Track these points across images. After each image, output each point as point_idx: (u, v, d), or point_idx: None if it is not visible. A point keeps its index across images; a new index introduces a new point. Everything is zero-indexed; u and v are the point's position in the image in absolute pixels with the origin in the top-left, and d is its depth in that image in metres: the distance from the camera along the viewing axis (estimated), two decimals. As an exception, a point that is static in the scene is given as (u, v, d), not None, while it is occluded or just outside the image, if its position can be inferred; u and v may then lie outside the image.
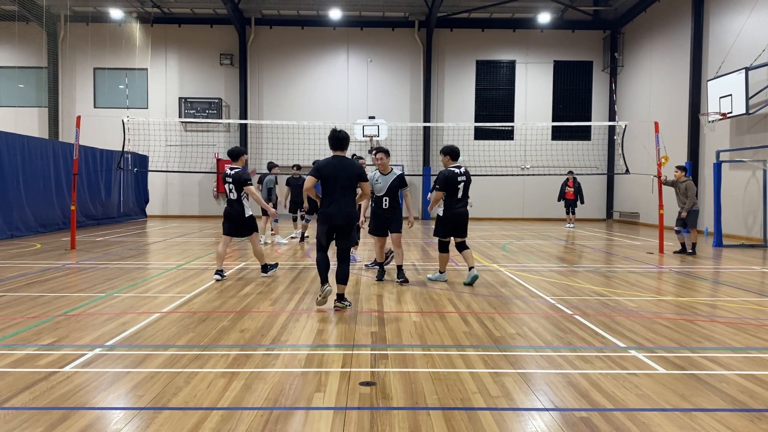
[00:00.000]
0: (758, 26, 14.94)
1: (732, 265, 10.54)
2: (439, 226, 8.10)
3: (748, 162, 14.67)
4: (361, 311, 6.38)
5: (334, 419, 3.46)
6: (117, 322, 5.76)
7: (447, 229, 8.02)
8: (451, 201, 7.92)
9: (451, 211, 7.92)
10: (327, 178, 6.34)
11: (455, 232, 8.03)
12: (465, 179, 7.94)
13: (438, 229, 8.11)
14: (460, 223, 7.97)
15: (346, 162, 6.42)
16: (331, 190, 6.32)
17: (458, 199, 7.91)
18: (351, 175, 6.36)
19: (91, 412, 3.53)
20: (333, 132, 6.46)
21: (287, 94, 24.00)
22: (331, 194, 6.32)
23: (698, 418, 3.50)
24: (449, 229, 8.02)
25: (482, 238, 15.59)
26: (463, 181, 7.91)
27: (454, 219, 7.92)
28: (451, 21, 23.59)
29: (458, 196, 7.90)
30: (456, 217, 7.92)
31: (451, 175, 7.88)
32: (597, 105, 24.38)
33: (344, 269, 6.39)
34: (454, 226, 7.98)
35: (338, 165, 6.36)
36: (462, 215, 7.96)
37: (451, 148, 8.03)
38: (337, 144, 6.44)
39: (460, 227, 8.02)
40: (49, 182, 15.77)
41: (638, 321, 5.98)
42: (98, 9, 22.85)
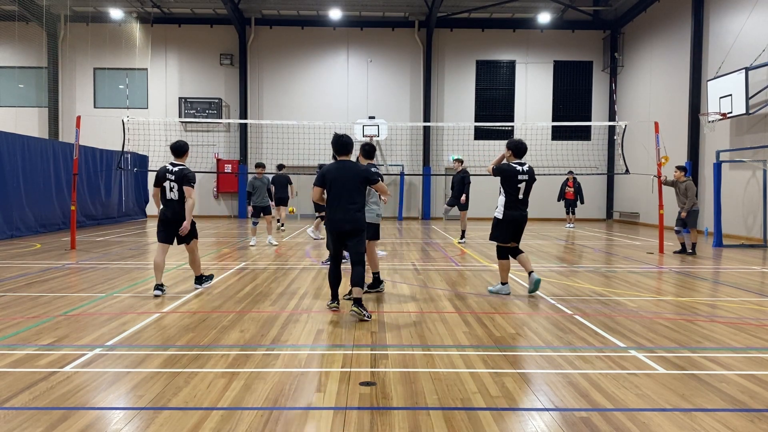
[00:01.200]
0: (758, 26, 14.94)
1: (732, 265, 10.54)
2: (496, 229, 7.24)
3: (748, 162, 14.67)
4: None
5: (334, 419, 3.46)
6: (117, 322, 5.76)
7: (507, 234, 7.19)
8: (511, 201, 7.12)
9: (511, 214, 7.11)
10: (332, 184, 6.19)
11: (513, 237, 7.24)
12: (527, 178, 7.13)
13: (495, 232, 7.26)
14: (518, 227, 7.23)
15: (351, 166, 6.28)
16: (337, 195, 6.16)
17: (519, 201, 7.14)
18: (356, 178, 6.20)
19: (91, 412, 3.53)
20: (337, 137, 6.31)
21: (287, 94, 24.01)
22: (338, 199, 6.16)
23: (698, 418, 3.50)
24: (509, 234, 7.19)
25: (482, 238, 15.59)
26: (525, 180, 7.11)
27: (514, 222, 7.15)
28: (451, 21, 23.59)
29: (519, 197, 7.13)
30: (514, 221, 7.15)
31: (510, 169, 7.12)
32: (597, 105, 24.39)
33: (358, 272, 6.21)
34: (512, 230, 7.18)
35: (343, 169, 6.22)
36: (520, 219, 7.20)
37: (515, 144, 7.24)
38: (342, 149, 6.31)
39: (519, 232, 7.27)
40: (49, 182, 15.77)
41: (638, 321, 5.98)
42: (98, 9, 22.85)
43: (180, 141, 7.36)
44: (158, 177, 7.15)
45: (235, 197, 24.06)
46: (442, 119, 23.85)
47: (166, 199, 7.11)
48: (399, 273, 9.13)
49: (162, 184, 7.12)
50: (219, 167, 23.49)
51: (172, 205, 7.09)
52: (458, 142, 22.83)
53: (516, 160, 7.20)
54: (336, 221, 6.17)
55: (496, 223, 7.25)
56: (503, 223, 7.16)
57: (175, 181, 7.05)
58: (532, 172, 7.25)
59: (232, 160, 23.72)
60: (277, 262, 10.34)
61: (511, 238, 7.21)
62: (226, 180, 23.73)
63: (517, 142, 7.22)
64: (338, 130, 21.21)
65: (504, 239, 7.21)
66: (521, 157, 7.23)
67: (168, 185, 7.08)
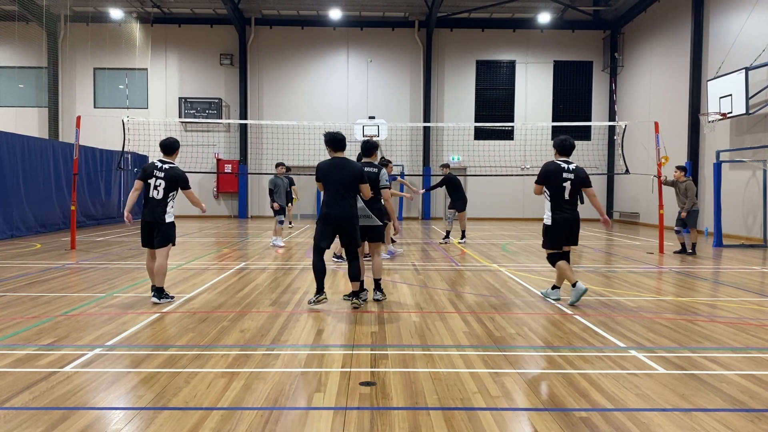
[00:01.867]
0: (758, 26, 14.94)
1: (732, 265, 10.54)
2: (546, 236, 6.78)
3: (748, 162, 14.67)
4: (361, 311, 6.38)
5: (334, 419, 3.46)
6: (117, 322, 5.76)
7: (556, 238, 6.68)
8: (557, 202, 6.63)
9: (559, 215, 6.62)
10: (327, 179, 6.34)
11: (566, 241, 6.73)
12: (572, 177, 6.61)
13: (546, 239, 6.78)
14: (570, 229, 6.66)
15: (347, 163, 6.40)
16: (332, 191, 6.32)
17: (566, 200, 6.63)
18: (352, 176, 6.32)
19: (91, 412, 3.53)
20: (330, 134, 6.41)
21: (287, 94, 24.01)
22: (333, 195, 6.32)
23: (698, 418, 3.50)
24: (559, 238, 6.68)
25: (482, 238, 15.60)
26: (570, 179, 6.60)
27: (563, 225, 6.62)
28: (451, 21, 23.59)
29: (565, 197, 6.62)
30: (565, 223, 6.62)
31: (553, 168, 6.65)
32: (597, 105, 24.39)
33: (355, 266, 6.45)
34: (562, 233, 6.66)
35: (339, 166, 6.35)
36: (571, 220, 6.65)
37: (559, 141, 6.82)
38: (336, 145, 6.45)
39: (571, 235, 6.71)
40: (49, 182, 15.77)
41: (638, 321, 5.98)
42: (98, 9, 22.85)
43: (171, 138, 6.88)
44: (146, 172, 6.65)
45: (235, 197, 24.06)
46: (442, 119, 23.86)
47: (148, 197, 6.61)
48: (399, 273, 9.13)
49: (147, 180, 6.61)
50: (219, 167, 23.49)
51: (153, 205, 6.57)
52: (458, 142, 22.84)
53: (561, 158, 6.76)
54: (330, 216, 6.31)
55: (545, 230, 6.77)
56: (552, 228, 6.67)
57: (163, 179, 6.56)
58: (580, 170, 6.69)
59: (232, 160, 23.72)
60: (277, 262, 10.34)
61: (564, 242, 6.70)
62: (226, 180, 23.73)
63: (562, 139, 6.80)
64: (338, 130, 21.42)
65: (556, 245, 6.71)
66: (568, 155, 6.77)
67: (154, 182, 6.57)
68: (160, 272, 6.60)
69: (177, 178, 6.62)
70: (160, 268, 6.59)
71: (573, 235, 6.72)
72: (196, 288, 7.63)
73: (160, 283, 6.64)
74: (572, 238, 6.73)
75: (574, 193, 6.67)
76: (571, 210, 6.68)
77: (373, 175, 6.91)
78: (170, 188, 6.61)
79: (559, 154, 6.80)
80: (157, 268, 6.60)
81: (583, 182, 6.69)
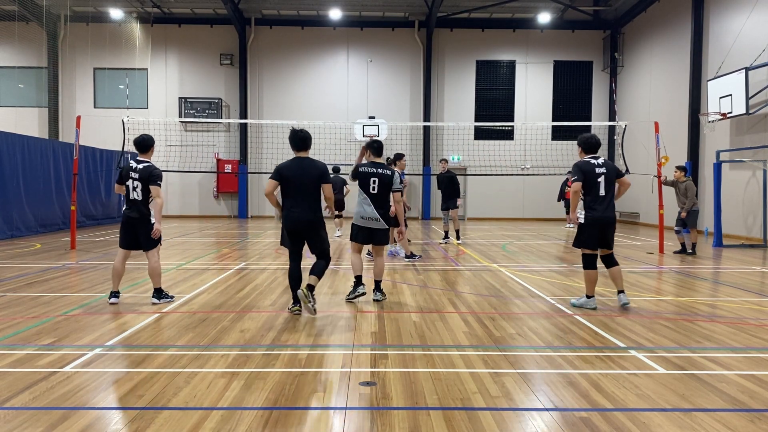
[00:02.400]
0: (758, 26, 14.94)
1: (732, 265, 10.54)
2: (580, 234, 6.55)
3: (748, 162, 14.67)
4: (361, 311, 6.38)
5: (334, 419, 3.46)
6: (117, 322, 5.76)
7: (592, 238, 6.46)
8: (592, 200, 6.44)
9: (595, 214, 6.40)
10: (288, 181, 5.97)
11: (601, 242, 6.50)
12: (605, 171, 6.44)
13: (580, 237, 6.55)
14: (606, 229, 6.45)
15: (309, 163, 6.06)
16: (293, 193, 5.98)
17: (601, 198, 6.41)
18: (313, 176, 6.00)
19: (91, 412, 3.53)
20: (294, 132, 6.07)
21: (287, 94, 24.00)
22: (294, 197, 5.98)
23: (698, 418, 3.50)
24: (595, 238, 6.46)
25: (482, 238, 15.60)
26: (603, 173, 6.42)
27: (599, 224, 6.41)
28: (451, 21, 23.59)
29: (600, 194, 6.41)
30: (601, 222, 6.40)
31: (587, 167, 6.45)
32: (597, 105, 24.39)
33: (321, 265, 6.14)
34: (597, 233, 6.44)
35: (300, 166, 6.01)
36: (608, 220, 6.43)
37: (584, 139, 6.64)
38: (300, 144, 6.08)
39: (607, 235, 6.49)
40: (49, 182, 15.77)
41: (638, 321, 5.98)
42: (98, 9, 22.84)
43: (144, 135, 6.66)
44: (121, 174, 6.56)
45: (235, 197, 24.05)
46: (442, 119, 23.85)
47: (129, 200, 6.50)
48: (399, 273, 9.13)
49: (125, 182, 6.50)
50: (219, 167, 23.49)
51: (135, 206, 6.46)
52: (458, 142, 22.83)
53: (588, 156, 6.58)
54: (292, 219, 6.00)
55: (580, 228, 6.55)
56: (586, 227, 6.46)
57: (139, 180, 6.42)
58: (610, 164, 6.57)
59: (232, 160, 23.71)
60: (278, 262, 10.34)
61: (598, 243, 6.48)
62: (226, 180, 23.72)
63: (587, 137, 6.64)
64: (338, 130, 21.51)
65: (590, 245, 6.48)
66: (595, 151, 6.59)
67: (131, 184, 6.44)
68: (154, 274, 6.57)
69: (150, 176, 6.43)
70: (154, 269, 6.55)
71: (607, 237, 6.48)
72: (196, 288, 7.63)
73: (157, 284, 6.63)
74: (608, 239, 6.49)
75: (609, 190, 6.47)
76: (608, 209, 6.44)
77: (387, 178, 6.73)
78: (147, 188, 6.46)
79: (585, 152, 6.63)
80: (151, 270, 6.57)
81: (616, 173, 6.53)
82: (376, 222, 6.72)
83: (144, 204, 6.49)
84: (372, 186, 6.75)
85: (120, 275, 6.63)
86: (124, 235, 6.58)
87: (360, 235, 6.86)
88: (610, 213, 6.45)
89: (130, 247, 6.61)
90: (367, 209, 6.73)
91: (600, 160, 6.52)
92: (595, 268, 6.49)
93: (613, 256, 6.61)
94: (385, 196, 6.81)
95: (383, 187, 6.74)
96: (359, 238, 6.87)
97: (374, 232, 6.78)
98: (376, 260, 6.99)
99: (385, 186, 6.74)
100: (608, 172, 6.46)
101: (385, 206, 6.84)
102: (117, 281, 6.61)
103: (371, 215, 6.69)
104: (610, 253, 6.58)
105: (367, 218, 6.73)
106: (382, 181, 6.72)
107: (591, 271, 6.49)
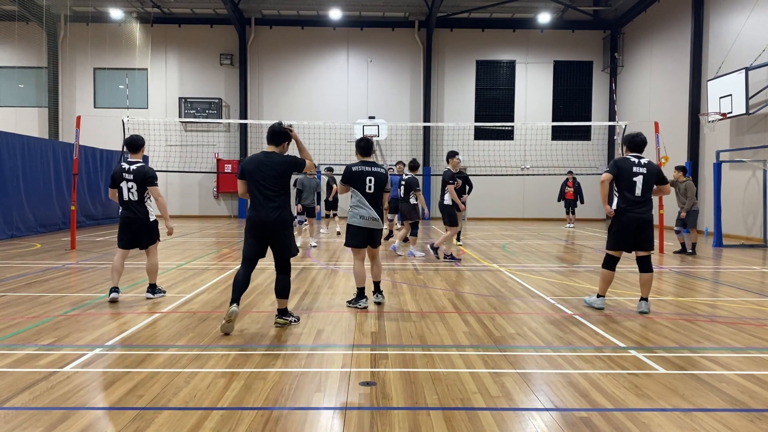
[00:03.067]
0: (758, 26, 14.94)
1: (732, 265, 10.54)
2: (610, 232, 6.40)
3: (748, 162, 14.67)
4: (361, 311, 6.37)
5: (334, 419, 3.46)
6: (117, 322, 5.76)
7: (620, 239, 6.25)
8: (626, 200, 6.18)
9: (627, 214, 6.17)
10: (252, 177, 5.42)
11: (635, 244, 6.26)
12: (645, 172, 6.17)
13: (610, 237, 6.40)
14: (639, 230, 6.19)
15: (274, 156, 5.51)
16: (258, 191, 5.41)
17: (636, 199, 6.17)
18: (280, 171, 5.43)
19: (91, 412, 3.53)
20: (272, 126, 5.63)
21: (287, 94, 24.00)
22: (259, 195, 5.40)
23: (698, 418, 3.50)
24: (623, 239, 6.24)
25: (482, 238, 15.60)
26: (643, 174, 6.16)
27: (631, 225, 6.17)
28: (451, 21, 23.59)
29: (636, 193, 6.16)
30: (634, 223, 6.17)
31: (623, 163, 6.22)
32: (597, 105, 24.39)
33: (284, 281, 5.54)
34: (630, 235, 6.21)
35: (264, 161, 5.45)
36: (642, 221, 6.16)
37: (629, 137, 6.42)
38: (270, 138, 5.59)
39: (642, 237, 6.21)
40: (49, 182, 15.77)
41: (638, 321, 5.98)
42: (98, 9, 22.85)
43: (135, 135, 6.73)
44: (114, 177, 6.60)
45: (235, 197, 24.04)
46: (442, 119, 23.85)
47: (123, 201, 6.58)
48: (399, 273, 9.13)
49: (119, 185, 6.56)
50: (219, 167, 23.49)
51: (133, 207, 6.56)
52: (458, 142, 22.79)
53: (632, 154, 6.33)
54: (257, 221, 5.39)
55: (610, 227, 6.38)
56: (616, 226, 6.26)
57: (133, 181, 6.51)
58: (654, 167, 6.28)
59: (232, 160, 23.71)
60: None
61: (627, 245, 6.26)
62: (226, 180, 23.72)
63: (632, 135, 6.40)
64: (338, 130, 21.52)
65: (617, 245, 6.30)
66: (640, 151, 6.35)
67: (126, 186, 6.52)
68: (152, 270, 6.82)
69: (146, 176, 6.55)
70: (153, 266, 6.79)
71: (643, 238, 6.21)
72: (196, 288, 7.63)
73: (153, 279, 6.88)
74: (643, 241, 6.22)
75: (646, 191, 6.20)
76: (643, 210, 6.18)
77: (382, 176, 6.50)
78: (143, 188, 6.59)
79: (629, 150, 6.38)
80: (149, 266, 6.79)
81: (657, 177, 6.26)
82: (376, 222, 6.46)
83: (140, 203, 6.60)
84: (368, 185, 6.45)
85: (119, 273, 6.75)
86: (122, 235, 6.71)
87: (359, 235, 6.46)
88: (645, 215, 6.18)
89: (128, 247, 6.76)
90: (366, 210, 6.42)
91: (643, 160, 6.26)
92: (613, 269, 6.39)
93: (649, 261, 6.34)
94: (381, 196, 6.56)
95: (379, 187, 6.47)
96: (359, 240, 6.48)
97: (373, 233, 6.52)
98: (373, 262, 6.75)
99: (380, 185, 6.48)
100: (648, 174, 6.19)
101: (381, 206, 6.56)
102: (117, 278, 6.74)
103: (370, 215, 6.42)
104: (646, 255, 6.32)
105: (366, 218, 6.43)
106: (378, 180, 6.46)
107: (607, 272, 6.39)
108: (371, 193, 6.47)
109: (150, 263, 6.77)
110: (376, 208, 6.46)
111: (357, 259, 6.61)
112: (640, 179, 6.17)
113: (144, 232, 6.66)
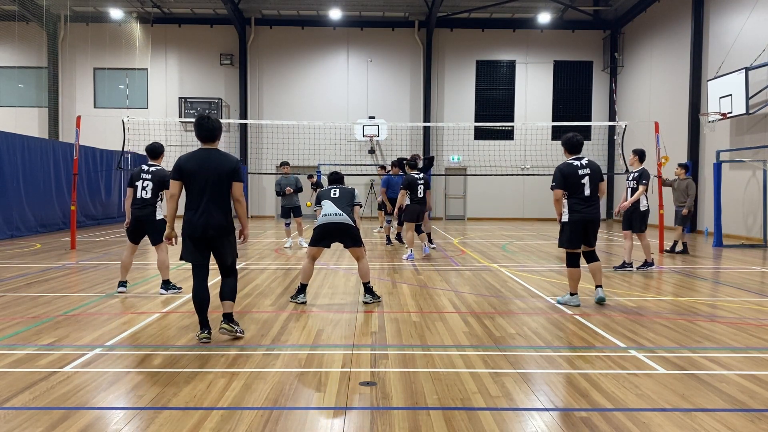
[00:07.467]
0: (758, 26, 14.94)
1: (732, 265, 10.54)
2: (562, 233, 6.63)
3: (748, 162, 14.67)
4: (361, 311, 6.38)
5: (334, 419, 3.46)
6: (117, 322, 5.76)
7: (574, 237, 6.52)
8: (576, 201, 6.49)
9: (578, 214, 6.46)
10: (191, 177, 4.89)
11: (585, 240, 6.59)
12: (588, 172, 6.48)
13: (562, 237, 6.64)
14: (588, 228, 6.54)
15: (218, 155, 4.99)
16: (197, 193, 4.90)
17: (585, 198, 6.48)
18: (223, 171, 4.92)
19: (91, 412, 3.53)
20: (200, 119, 5.01)
21: (287, 94, 24.01)
22: (198, 198, 4.90)
23: (698, 418, 3.50)
24: (576, 237, 6.52)
25: (482, 238, 15.60)
26: (587, 174, 6.46)
27: (582, 223, 6.48)
28: (451, 21, 23.59)
29: (585, 194, 6.47)
30: (583, 221, 6.48)
31: (568, 169, 6.49)
32: (597, 105, 24.40)
33: (230, 284, 5.14)
34: (581, 233, 6.52)
35: (205, 160, 4.92)
36: (591, 219, 6.51)
37: (567, 139, 6.68)
38: (206, 134, 4.98)
39: (590, 234, 6.59)
40: (49, 182, 15.77)
41: (638, 321, 5.98)
42: (98, 9, 22.85)
43: (156, 143, 7.38)
44: (132, 176, 7.22)
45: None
46: (442, 119, 23.85)
47: (136, 197, 7.11)
48: (399, 273, 9.14)
49: (135, 183, 7.14)
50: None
51: (143, 204, 7.07)
52: (458, 142, 22.83)
53: (572, 157, 6.61)
54: (195, 226, 4.90)
55: (562, 228, 6.62)
56: (568, 225, 6.51)
57: (150, 181, 7.11)
58: (594, 165, 6.58)
59: (232, 160, 23.69)
60: (277, 262, 10.34)
61: (580, 241, 6.54)
62: (226, 180, 23.69)
63: (569, 137, 6.65)
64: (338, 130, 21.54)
65: (571, 244, 6.55)
66: (578, 151, 6.63)
67: (141, 184, 7.11)
68: (162, 266, 7.20)
69: (164, 178, 7.08)
70: (162, 262, 7.19)
71: (589, 235, 6.58)
72: (196, 288, 7.62)
73: (165, 275, 7.26)
74: (588, 237, 6.58)
75: (594, 190, 6.51)
76: (591, 208, 6.51)
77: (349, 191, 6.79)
78: (158, 188, 7.15)
79: (569, 153, 6.66)
80: (159, 263, 7.21)
81: (599, 175, 6.58)
82: (339, 216, 6.53)
83: (152, 203, 7.11)
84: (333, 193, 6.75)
85: (128, 267, 7.27)
86: (132, 230, 7.18)
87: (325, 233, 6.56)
88: (594, 213, 6.53)
89: (135, 241, 7.25)
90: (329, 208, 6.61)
91: (584, 160, 6.55)
92: (579, 266, 6.64)
93: (595, 253, 6.76)
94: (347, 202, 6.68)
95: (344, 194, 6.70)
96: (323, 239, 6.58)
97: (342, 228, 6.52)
98: (360, 263, 6.77)
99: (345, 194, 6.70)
100: (593, 173, 6.50)
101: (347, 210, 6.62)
102: (125, 272, 7.26)
103: (333, 211, 6.56)
104: (592, 249, 6.71)
105: (329, 214, 6.56)
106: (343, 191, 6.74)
107: (574, 270, 6.63)
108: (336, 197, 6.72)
109: (159, 260, 7.19)
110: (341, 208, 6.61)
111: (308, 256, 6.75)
112: (587, 180, 6.48)
113: (150, 229, 7.11)
